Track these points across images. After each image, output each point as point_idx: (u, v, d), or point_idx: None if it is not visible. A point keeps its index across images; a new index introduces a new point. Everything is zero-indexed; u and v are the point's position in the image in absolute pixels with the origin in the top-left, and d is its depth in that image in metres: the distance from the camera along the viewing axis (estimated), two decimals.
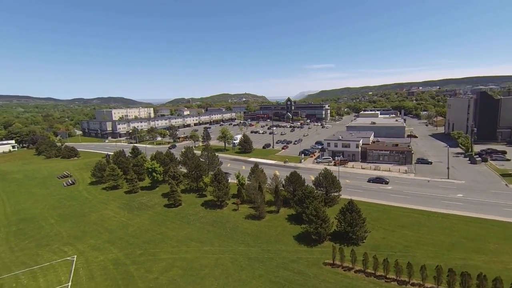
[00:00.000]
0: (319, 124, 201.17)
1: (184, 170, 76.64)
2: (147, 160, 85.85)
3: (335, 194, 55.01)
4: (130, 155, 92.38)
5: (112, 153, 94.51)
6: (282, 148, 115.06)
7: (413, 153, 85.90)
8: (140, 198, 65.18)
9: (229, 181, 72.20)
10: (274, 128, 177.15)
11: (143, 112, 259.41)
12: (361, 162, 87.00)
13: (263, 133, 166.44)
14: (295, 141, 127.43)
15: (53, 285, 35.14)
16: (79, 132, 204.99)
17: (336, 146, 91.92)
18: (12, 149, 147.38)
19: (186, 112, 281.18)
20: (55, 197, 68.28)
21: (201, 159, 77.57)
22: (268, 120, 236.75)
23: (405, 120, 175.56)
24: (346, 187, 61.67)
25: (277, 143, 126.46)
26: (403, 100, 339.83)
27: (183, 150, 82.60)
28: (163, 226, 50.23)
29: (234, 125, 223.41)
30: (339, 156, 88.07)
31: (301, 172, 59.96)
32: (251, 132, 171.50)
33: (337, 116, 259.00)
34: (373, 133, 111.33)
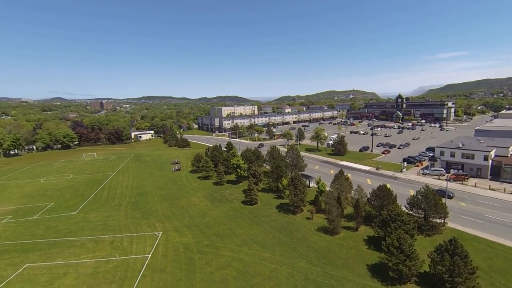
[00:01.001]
0: (438, 125, 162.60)
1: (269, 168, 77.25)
2: (236, 155, 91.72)
3: (438, 221, 41.72)
4: (225, 149, 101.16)
5: (212, 146, 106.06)
6: (382, 153, 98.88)
7: None
8: (223, 191, 69.77)
9: (311, 185, 67.95)
10: (379, 128, 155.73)
11: (248, 110, 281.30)
12: (490, 180, 63.92)
13: (363, 133, 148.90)
14: (401, 145, 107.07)
15: (139, 253, 41.65)
16: (195, 126, 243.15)
17: (453, 155, 71.05)
18: (151, 137, 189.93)
19: (287, 110, 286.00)
20: (163, 179, 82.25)
21: (286, 160, 75.97)
22: (374, 119, 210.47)
23: None
24: (459, 213, 46.40)
25: (377, 146, 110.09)
26: None
27: (269, 149, 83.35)
28: (234, 222, 51.63)
29: (333, 124, 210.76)
30: (457, 170, 67.32)
31: (399, 185, 49.18)
32: (350, 132, 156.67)
33: (464, 116, 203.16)
34: None
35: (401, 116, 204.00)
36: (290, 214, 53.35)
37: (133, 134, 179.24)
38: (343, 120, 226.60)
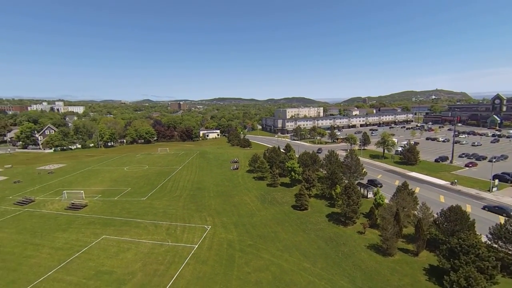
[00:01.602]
0: None
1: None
2: (293, 158, 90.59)
3: None
4: (283, 151, 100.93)
5: (271, 146, 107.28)
6: (466, 166, 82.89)
7: None
8: (275, 193, 69.64)
9: (369, 196, 62.15)
10: (465, 135, 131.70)
11: (313, 111, 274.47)
12: None
13: (443, 141, 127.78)
14: (494, 157, 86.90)
15: (188, 242, 45.12)
16: (259, 127, 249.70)
17: None
18: (217, 136, 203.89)
19: (355, 112, 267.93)
20: (221, 177, 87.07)
21: (344, 166, 71.29)
22: (459, 124, 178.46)
23: None
24: None
25: (460, 156, 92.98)
26: None
27: (326, 153, 79.60)
28: (280, 225, 50.98)
29: (407, 128, 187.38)
30: None
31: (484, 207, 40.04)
32: (426, 138, 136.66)
33: None
34: None
35: (499, 122, 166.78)
36: (340, 225, 49.65)
37: (201, 132, 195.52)
38: (419, 125, 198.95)
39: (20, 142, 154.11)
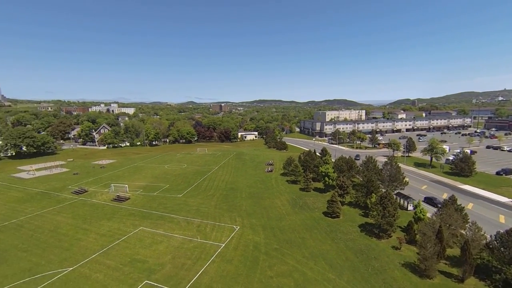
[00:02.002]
0: None
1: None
2: (329, 163, 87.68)
3: None
4: (319, 155, 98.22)
5: (307, 150, 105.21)
6: None
7: None
8: (307, 198, 68.03)
9: (409, 208, 57.36)
10: None
11: (354, 114, 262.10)
12: None
13: (509, 150, 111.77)
14: None
15: (216, 240, 46.44)
16: (297, 130, 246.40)
17: None
18: (255, 138, 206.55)
19: (400, 116, 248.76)
20: (255, 178, 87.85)
21: (383, 173, 66.92)
22: None
23: None
24: None
25: None
26: None
27: (364, 159, 75.49)
28: (308, 232, 49.64)
29: (462, 134, 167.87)
30: None
31: None
32: (487, 147, 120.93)
33: None
34: None
35: None
36: (374, 237, 46.52)
37: (239, 134, 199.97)
38: (478, 131, 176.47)
39: (81, 139, 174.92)
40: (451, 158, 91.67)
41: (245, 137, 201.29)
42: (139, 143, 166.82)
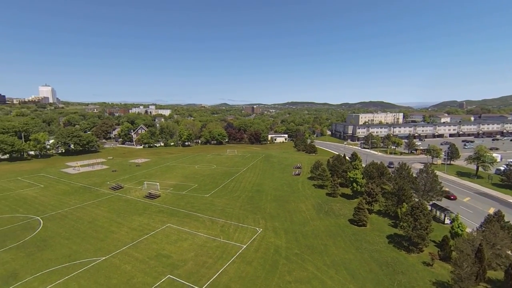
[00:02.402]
0: None
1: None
2: (359, 168, 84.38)
3: None
4: (349, 159, 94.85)
5: (337, 154, 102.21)
6: None
7: None
8: (333, 204, 66.06)
9: (446, 221, 52.97)
10: None
11: (390, 117, 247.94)
12: None
13: None
14: None
15: (238, 241, 47.09)
16: (328, 133, 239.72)
17: None
18: (284, 141, 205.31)
19: (444, 120, 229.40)
20: (281, 181, 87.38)
21: (418, 182, 62.48)
22: None
23: None
24: None
25: None
26: None
27: (397, 165, 71.26)
28: (332, 239, 48.14)
29: None
30: None
31: None
32: None
33: None
34: None
35: None
36: (402, 250, 43.62)
37: (269, 136, 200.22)
38: None
39: (120, 139, 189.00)
40: (502, 168, 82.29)
41: (275, 139, 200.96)
42: (172, 143, 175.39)
